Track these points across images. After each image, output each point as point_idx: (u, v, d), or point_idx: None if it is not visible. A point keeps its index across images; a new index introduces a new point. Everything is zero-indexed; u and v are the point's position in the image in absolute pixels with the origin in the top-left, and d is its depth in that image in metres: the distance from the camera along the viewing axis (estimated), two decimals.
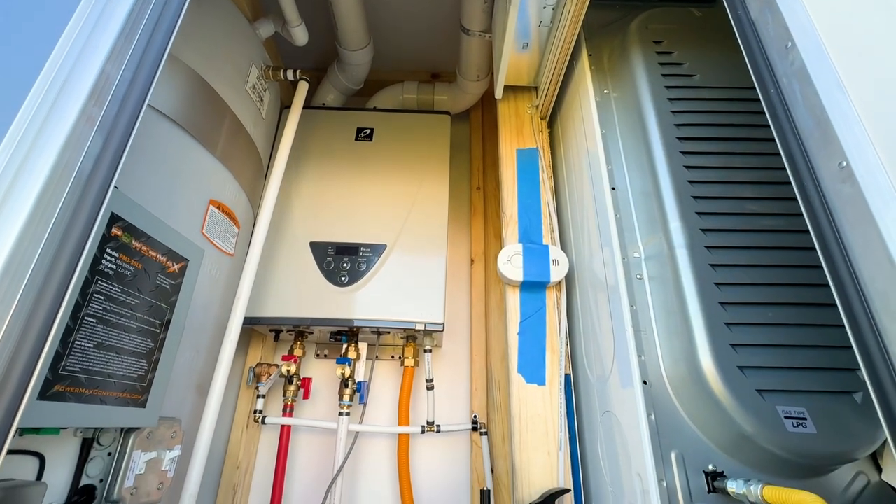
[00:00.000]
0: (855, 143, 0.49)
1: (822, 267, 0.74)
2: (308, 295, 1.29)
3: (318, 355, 1.54)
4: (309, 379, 1.40)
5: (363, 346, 1.38)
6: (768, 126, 0.55)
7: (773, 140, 0.54)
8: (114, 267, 0.62)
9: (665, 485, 0.71)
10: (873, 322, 0.46)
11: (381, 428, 1.39)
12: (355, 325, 1.26)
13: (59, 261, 0.45)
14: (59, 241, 0.45)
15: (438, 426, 1.35)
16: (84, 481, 0.70)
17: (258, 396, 1.33)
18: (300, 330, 1.36)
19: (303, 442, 1.42)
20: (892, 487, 0.72)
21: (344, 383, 1.31)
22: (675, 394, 0.77)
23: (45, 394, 0.52)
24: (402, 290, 1.30)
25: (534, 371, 1.02)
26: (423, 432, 1.34)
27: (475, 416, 1.41)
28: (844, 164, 0.48)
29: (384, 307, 1.28)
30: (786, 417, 0.68)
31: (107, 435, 0.73)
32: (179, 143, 0.93)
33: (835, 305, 0.69)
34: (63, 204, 0.45)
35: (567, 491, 0.89)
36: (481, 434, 1.37)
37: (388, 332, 1.36)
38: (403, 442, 1.35)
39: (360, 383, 1.33)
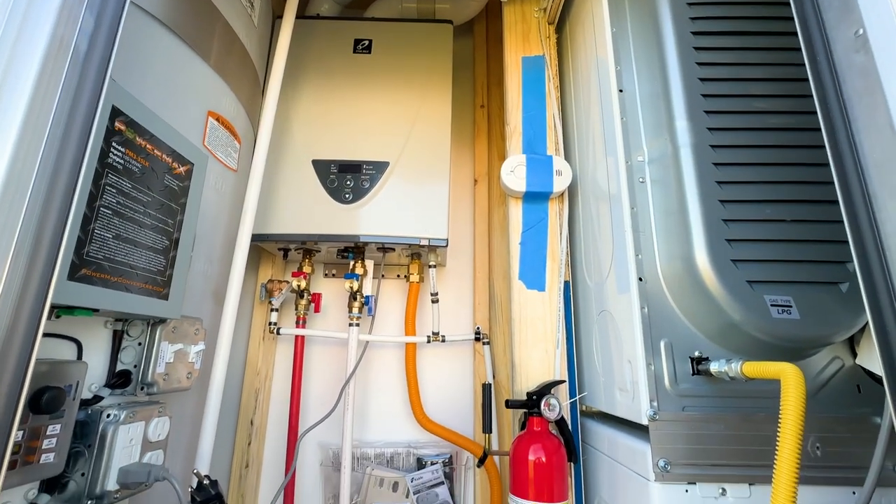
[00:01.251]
0: (875, 12, 0.47)
1: (824, 164, 0.74)
2: (313, 212, 1.31)
3: (326, 275, 1.60)
4: (319, 294, 1.47)
5: (369, 264, 1.43)
6: (783, 19, 0.52)
7: (787, 34, 0.52)
8: (122, 161, 0.63)
9: (653, 369, 0.77)
10: (867, 193, 0.47)
11: (389, 338, 1.47)
12: (361, 240, 1.29)
13: (70, 137, 0.45)
14: (67, 117, 0.45)
15: (443, 336, 1.43)
16: (120, 367, 0.77)
17: (272, 310, 1.40)
18: (307, 248, 1.40)
19: (316, 354, 1.52)
20: (864, 370, 0.78)
21: (353, 296, 1.36)
22: (669, 289, 0.81)
23: (73, 275, 0.56)
24: (406, 207, 1.32)
25: (534, 278, 1.06)
26: (428, 342, 1.42)
27: (478, 328, 1.49)
28: (861, 31, 0.47)
29: (389, 224, 1.31)
30: (772, 305, 0.71)
31: (135, 327, 0.79)
32: (172, 49, 0.89)
33: (832, 202, 0.70)
34: (65, 79, 0.45)
35: (562, 382, 0.97)
36: (483, 343, 1.46)
37: (394, 250, 1.39)
38: (410, 350, 1.44)
39: (367, 297, 1.39)
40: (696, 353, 0.78)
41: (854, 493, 0.70)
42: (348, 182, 1.33)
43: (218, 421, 1.00)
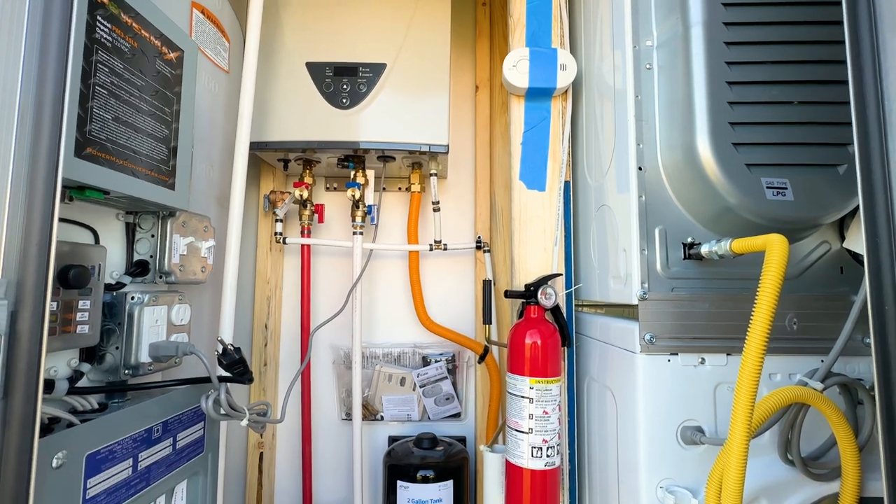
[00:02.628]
0: None
1: (835, 42, 0.70)
2: (311, 119, 1.28)
3: (328, 188, 1.60)
4: (322, 205, 1.48)
5: (370, 174, 1.42)
6: None
7: None
8: (109, 39, 0.61)
9: (646, 254, 0.81)
10: (878, 65, 0.46)
11: (392, 246, 1.52)
12: (360, 147, 1.28)
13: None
14: None
15: (445, 245, 1.46)
16: (137, 257, 0.81)
17: (276, 220, 1.43)
18: (307, 158, 1.39)
19: (322, 265, 1.57)
20: (850, 253, 0.81)
21: (355, 205, 1.38)
22: (667, 177, 0.82)
23: (80, 153, 0.56)
24: (406, 112, 1.29)
25: (535, 178, 1.07)
26: (431, 250, 1.46)
27: (479, 237, 1.52)
28: None
29: (388, 129, 1.28)
30: (767, 187, 0.72)
31: (146, 220, 0.81)
32: None
33: (841, 83, 0.68)
34: None
35: (559, 275, 1.01)
36: (484, 252, 1.50)
37: (394, 159, 1.38)
38: (413, 258, 1.49)
39: (370, 206, 1.41)
40: (689, 239, 0.81)
41: (822, 360, 0.76)
42: (345, 86, 1.29)
43: (234, 322, 1.06)
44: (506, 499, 0.92)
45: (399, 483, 1.28)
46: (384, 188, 1.57)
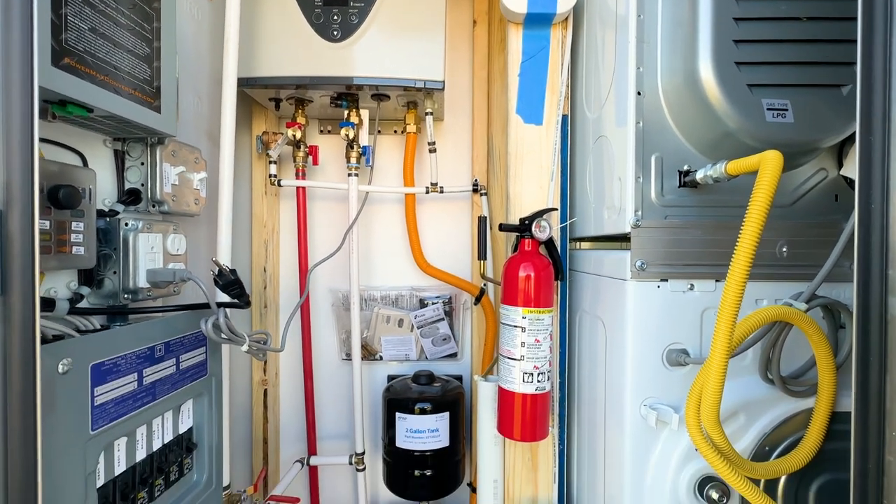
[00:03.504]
0: None
1: None
2: (301, 53, 1.23)
3: (321, 131, 1.57)
4: (316, 146, 1.46)
5: (364, 114, 1.39)
6: None
7: None
8: None
9: (640, 182, 0.80)
10: None
11: (388, 188, 1.51)
12: (354, 83, 1.23)
13: None
14: None
15: (442, 187, 1.45)
16: (128, 186, 0.80)
17: (270, 162, 1.40)
18: (299, 97, 1.35)
19: (318, 210, 1.56)
20: (846, 180, 0.81)
21: (350, 145, 1.36)
22: (667, 102, 0.79)
23: (57, 62, 0.54)
24: (400, 45, 1.23)
25: (532, 111, 1.04)
26: (427, 193, 1.45)
27: (476, 180, 1.51)
28: None
29: (382, 64, 1.23)
30: (768, 109, 0.71)
31: (135, 148, 0.80)
32: None
33: None
34: None
35: (554, 209, 1.01)
36: (481, 195, 1.49)
37: (389, 98, 1.34)
38: (410, 201, 1.48)
39: (365, 147, 1.39)
40: (685, 167, 0.80)
41: None
42: (335, 17, 1.23)
43: (233, 264, 1.07)
44: (498, 421, 0.97)
45: (398, 415, 1.34)
46: (379, 131, 1.54)
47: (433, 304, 1.55)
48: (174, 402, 0.76)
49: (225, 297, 0.78)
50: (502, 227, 0.97)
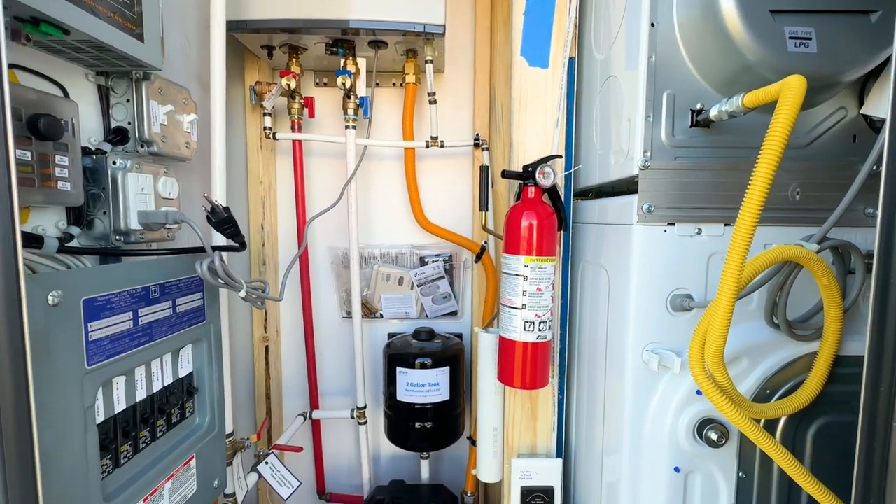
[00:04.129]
0: None
1: None
2: None
3: (317, 84, 1.51)
4: (311, 98, 1.40)
5: (361, 63, 1.33)
6: None
7: None
8: None
9: (651, 121, 0.76)
10: None
11: (387, 142, 1.46)
12: (350, 26, 1.17)
13: None
14: None
15: (442, 142, 1.41)
16: (114, 124, 0.77)
17: (265, 114, 1.35)
18: (293, 44, 1.29)
19: (315, 167, 1.52)
20: (866, 120, 0.77)
21: (346, 95, 1.31)
22: (682, 35, 0.75)
23: None
24: None
25: (537, 53, 0.99)
26: (427, 147, 1.41)
27: (477, 134, 1.46)
28: None
29: (379, 5, 1.17)
30: (790, 38, 0.66)
31: (119, 84, 0.76)
32: None
33: None
34: None
35: (559, 157, 0.98)
36: (483, 150, 1.45)
37: (387, 45, 1.28)
38: (409, 156, 1.44)
39: (362, 98, 1.33)
40: (699, 106, 0.76)
41: None
42: None
43: None
44: (498, 370, 0.97)
45: (398, 369, 1.35)
46: (377, 84, 1.48)
47: (433, 262, 1.54)
48: (172, 345, 0.75)
49: (221, 241, 0.76)
50: (505, 174, 0.94)
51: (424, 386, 1.33)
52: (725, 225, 0.77)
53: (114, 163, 0.72)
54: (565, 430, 1.09)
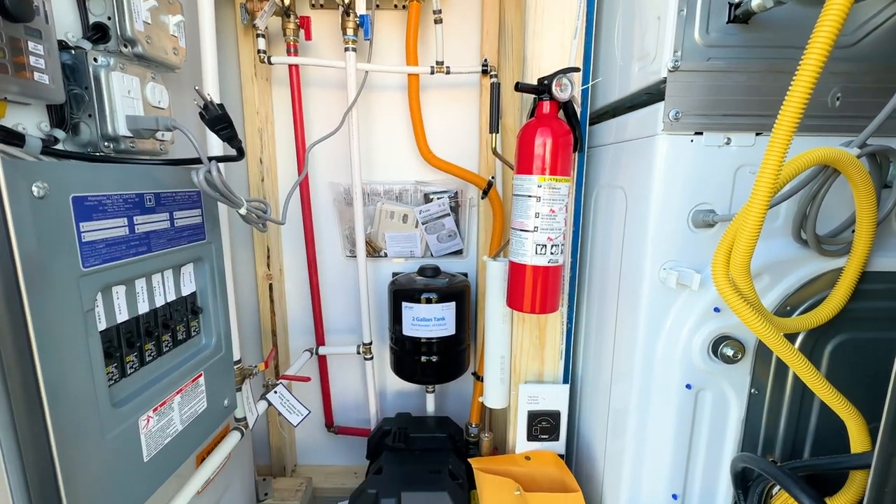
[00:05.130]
0: None
1: None
2: None
3: (312, 5, 1.39)
4: (307, 17, 1.30)
5: None
6: None
7: None
8: None
9: (684, 14, 0.69)
10: None
11: (389, 67, 1.37)
12: None
13: None
14: None
15: (448, 67, 1.32)
16: (92, 19, 0.70)
17: (258, 36, 1.26)
18: None
19: (314, 97, 1.44)
20: None
21: (345, 12, 1.21)
22: None
23: None
24: None
25: None
26: (432, 73, 1.32)
27: (485, 60, 1.37)
28: None
29: None
30: None
31: None
32: None
33: None
34: None
35: (577, 69, 0.91)
36: (491, 77, 1.36)
37: None
38: (413, 84, 1.36)
39: (362, 17, 1.24)
40: None
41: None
42: None
43: (223, 148, 0.98)
44: (508, 295, 0.95)
45: (404, 304, 1.34)
46: (377, 5, 1.37)
47: (438, 198, 1.49)
48: (172, 260, 0.72)
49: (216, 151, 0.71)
50: (519, 87, 0.87)
51: (430, 321, 1.33)
52: (757, 134, 0.72)
53: (95, 60, 0.66)
54: (572, 358, 1.09)
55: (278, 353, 1.53)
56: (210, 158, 0.71)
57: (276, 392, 1.22)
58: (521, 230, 0.89)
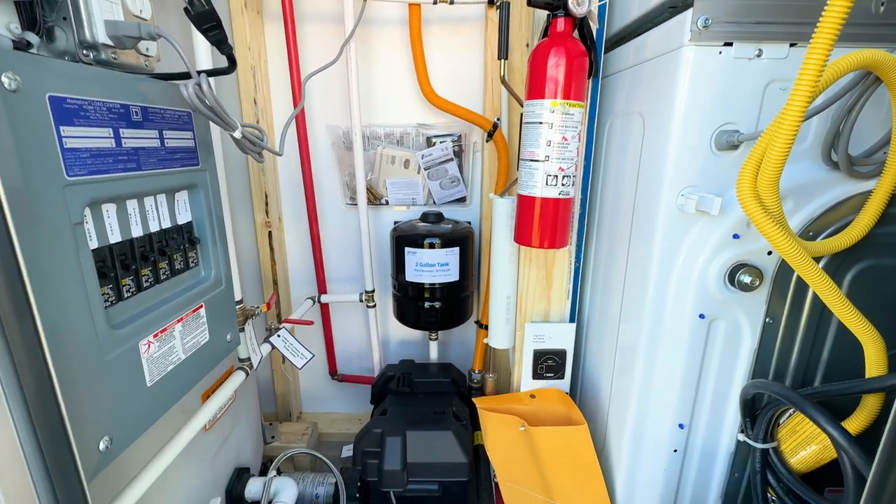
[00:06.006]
0: None
1: None
2: None
3: None
4: None
5: None
6: None
7: None
8: None
9: None
10: None
11: None
12: None
13: None
14: None
15: None
16: None
17: None
18: None
19: (309, 35, 1.35)
20: None
21: None
22: None
23: None
24: None
25: None
26: (434, 2, 1.24)
27: None
28: None
29: None
30: None
31: None
32: None
33: None
34: None
35: None
36: (497, 7, 1.27)
37: None
38: (415, 16, 1.27)
39: None
40: None
41: None
42: None
43: (215, 88, 0.91)
44: (515, 231, 0.92)
45: (407, 250, 1.31)
46: None
47: (441, 142, 1.44)
48: (165, 182, 0.68)
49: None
50: (531, 3, 0.81)
51: (434, 266, 1.30)
52: (791, 45, 0.67)
53: None
54: (579, 298, 1.07)
55: (280, 302, 1.52)
56: (199, 72, 0.65)
57: (279, 336, 1.21)
58: (532, 160, 0.85)
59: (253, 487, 1.17)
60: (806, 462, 0.71)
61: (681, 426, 0.81)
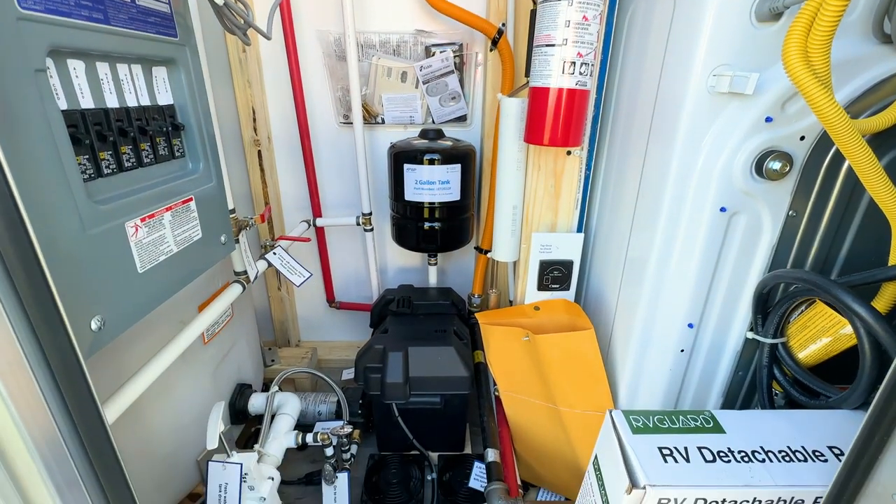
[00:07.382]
0: None
1: None
2: None
3: None
4: None
5: None
6: None
7: None
8: None
9: None
10: None
11: None
12: None
13: None
14: None
15: None
16: None
17: None
18: None
19: None
20: None
21: None
22: None
23: None
24: None
25: None
26: None
27: None
28: None
29: None
30: None
31: None
32: None
33: None
34: None
35: None
36: None
37: None
38: None
39: None
40: None
41: None
42: None
43: None
44: (526, 129, 0.86)
45: (406, 167, 1.24)
46: None
47: (441, 52, 1.33)
48: (138, 48, 0.60)
49: None
50: None
51: (434, 183, 1.25)
52: None
53: None
54: (587, 210, 1.03)
55: (273, 222, 1.46)
56: None
57: (275, 253, 1.16)
58: (548, 45, 0.77)
59: (256, 401, 1.17)
60: (815, 356, 0.71)
61: (690, 325, 0.80)
